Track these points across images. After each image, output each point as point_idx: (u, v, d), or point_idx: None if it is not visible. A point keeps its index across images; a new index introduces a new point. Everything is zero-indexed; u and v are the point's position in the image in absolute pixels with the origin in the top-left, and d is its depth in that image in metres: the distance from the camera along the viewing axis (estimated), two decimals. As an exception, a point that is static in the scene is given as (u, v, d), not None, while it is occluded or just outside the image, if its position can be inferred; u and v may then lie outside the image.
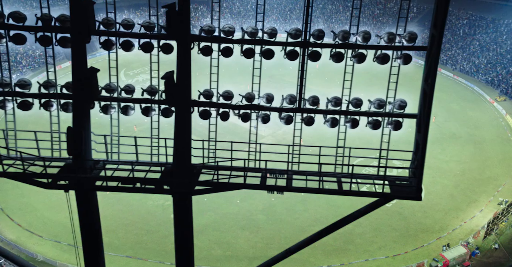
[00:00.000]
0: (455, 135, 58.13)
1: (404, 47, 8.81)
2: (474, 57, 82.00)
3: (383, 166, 9.77)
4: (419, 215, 44.08)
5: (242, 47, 9.02)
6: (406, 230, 42.12)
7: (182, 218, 10.18)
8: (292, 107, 9.22)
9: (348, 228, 41.93)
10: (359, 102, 9.46)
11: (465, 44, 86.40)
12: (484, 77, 76.08)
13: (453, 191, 47.48)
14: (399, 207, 44.90)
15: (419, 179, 9.54)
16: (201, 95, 9.58)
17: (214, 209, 43.80)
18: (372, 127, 9.42)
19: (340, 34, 8.80)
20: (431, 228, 42.38)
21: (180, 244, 10.66)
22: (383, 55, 9.09)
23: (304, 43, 8.84)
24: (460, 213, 44.35)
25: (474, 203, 45.79)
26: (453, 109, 65.19)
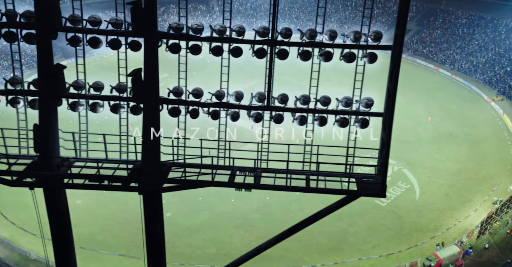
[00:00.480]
0: (452, 135, 58.12)
1: (369, 46, 8.86)
2: (472, 57, 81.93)
3: (350, 163, 9.80)
4: (414, 214, 44.12)
5: (210, 45, 9.06)
6: (400, 229, 42.16)
7: (152, 216, 10.24)
8: (261, 105, 9.25)
9: (342, 227, 42.26)
10: (327, 100, 9.51)
11: (464, 43, 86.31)
12: (482, 76, 76.02)
13: (448, 190, 47.49)
14: (394, 207, 44.98)
15: (383, 177, 9.61)
16: (170, 93, 9.63)
17: (209, 208, 43.89)
18: (340, 125, 9.49)
19: (307, 32, 8.86)
20: (425, 227, 42.41)
21: (151, 241, 10.72)
22: (349, 53, 9.15)
23: (271, 42, 8.88)
24: (454, 212, 44.37)
25: (469, 202, 45.80)
26: (450, 109, 65.16)
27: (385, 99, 8.71)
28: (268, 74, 9.15)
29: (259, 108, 9.28)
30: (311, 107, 9.53)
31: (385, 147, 9.23)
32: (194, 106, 9.43)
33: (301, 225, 10.90)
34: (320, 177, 9.80)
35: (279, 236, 11.39)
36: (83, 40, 9.59)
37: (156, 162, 9.44)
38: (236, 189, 9.75)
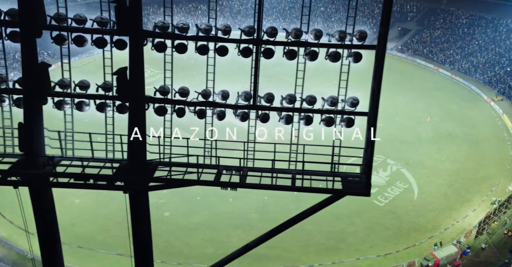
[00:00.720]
0: (451, 135, 58.06)
1: (353, 45, 8.88)
2: (472, 57, 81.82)
3: (335, 162, 9.82)
4: (412, 214, 44.11)
5: (196, 43, 9.07)
6: (398, 229, 42.16)
7: (138, 214, 10.27)
8: (247, 104, 9.28)
9: (341, 227, 42.28)
10: (312, 99, 9.53)
11: (464, 43, 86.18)
12: (482, 76, 75.92)
13: (447, 190, 47.46)
14: (392, 206, 44.98)
15: (368, 176, 9.64)
16: (157, 92, 9.66)
17: (208, 208, 43.93)
18: (326, 124, 9.51)
19: (293, 32, 8.89)
20: (424, 227, 42.40)
21: (138, 240, 10.74)
22: (334, 53, 9.16)
23: (257, 41, 8.90)
24: (453, 212, 44.34)
25: (467, 202, 45.76)
26: (450, 109, 65.09)
27: (370, 98, 8.73)
28: (253, 73, 9.16)
29: (245, 107, 9.30)
30: (297, 106, 9.52)
31: (369, 146, 9.25)
32: (180, 105, 9.45)
33: (285, 225, 10.89)
34: (306, 176, 9.82)
35: (266, 235, 11.42)
36: (68, 39, 9.63)
37: (141, 161, 9.47)
38: (222, 188, 9.77)
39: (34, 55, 9.71)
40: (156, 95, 9.64)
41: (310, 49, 9.21)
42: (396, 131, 58.16)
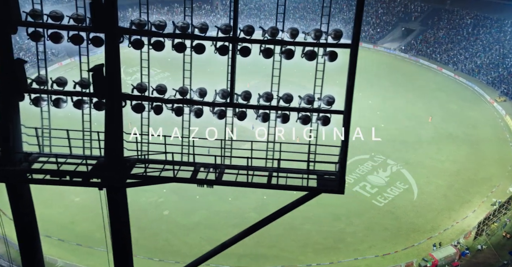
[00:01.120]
0: (452, 135, 57.83)
1: (328, 44, 8.91)
2: (476, 57, 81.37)
3: (311, 160, 9.87)
4: (412, 215, 44.02)
5: (173, 41, 9.11)
6: (397, 230, 42.10)
7: (116, 211, 10.37)
8: (224, 102, 9.33)
9: (340, 227, 42.28)
10: (289, 97, 9.58)
11: (468, 44, 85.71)
12: (486, 77, 75.50)
13: (447, 191, 47.30)
14: (392, 207, 44.92)
15: (342, 173, 9.69)
16: (134, 89, 9.72)
17: (207, 207, 44.07)
18: (302, 123, 9.56)
19: (269, 30, 8.94)
20: (423, 228, 42.31)
21: (116, 237, 10.81)
22: (310, 51, 9.20)
23: (233, 39, 8.95)
24: (452, 213, 44.21)
25: (467, 203, 45.60)
26: (452, 109, 64.81)
27: (345, 97, 8.78)
28: (230, 71, 9.21)
29: (222, 105, 9.35)
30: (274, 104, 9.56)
31: (344, 144, 9.29)
32: (158, 102, 9.50)
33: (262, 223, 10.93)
34: (282, 174, 9.87)
35: (243, 233, 11.47)
36: (44, 35, 9.67)
37: (118, 158, 9.56)
38: (198, 185, 9.85)
39: (10, 52, 9.79)
40: (133, 92, 9.71)
41: (286, 48, 9.25)
42: (397, 131, 58.05)
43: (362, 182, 48.25)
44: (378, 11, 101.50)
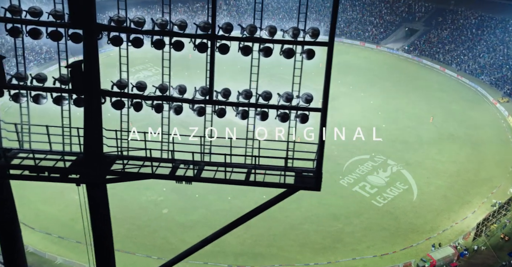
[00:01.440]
0: (453, 136, 57.65)
1: (305, 42, 8.98)
2: (480, 58, 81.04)
3: (290, 157, 9.96)
4: (411, 215, 43.98)
5: (152, 38, 9.18)
6: (396, 230, 42.08)
7: (96, 207, 10.47)
8: (203, 99, 9.39)
9: (338, 227, 42.31)
10: (268, 95, 9.66)
11: (472, 44, 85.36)
12: (489, 78, 75.20)
13: (447, 192, 47.20)
14: (391, 207, 44.88)
15: (319, 170, 9.79)
16: (114, 85, 9.79)
17: (206, 206, 44.23)
18: (281, 120, 9.64)
19: (247, 28, 9.03)
20: (422, 228, 42.26)
21: (97, 233, 10.91)
22: (288, 49, 9.28)
23: (212, 36, 9.03)
24: (452, 214, 44.11)
25: (467, 204, 45.48)
26: (454, 110, 64.59)
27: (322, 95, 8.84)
28: (209, 68, 9.29)
29: (201, 102, 9.42)
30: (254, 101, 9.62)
31: (320, 141, 9.39)
32: (137, 99, 9.57)
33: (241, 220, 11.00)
34: (261, 171, 9.96)
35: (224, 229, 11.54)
36: (23, 31, 9.71)
37: (97, 154, 9.65)
38: (176, 181, 9.94)
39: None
40: (113, 89, 9.77)
41: (265, 45, 9.34)
42: (398, 132, 57.96)
43: (362, 182, 48.24)
44: (382, 11, 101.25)
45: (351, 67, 78.65)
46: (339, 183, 48.14)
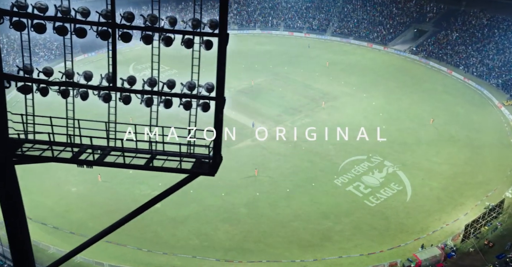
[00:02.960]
0: (453, 138, 57.27)
1: (202, 33, 9.52)
2: (488, 60, 79.99)
3: (188, 144, 10.48)
4: (402, 215, 44.07)
5: (54, 24, 9.65)
6: (385, 230, 42.25)
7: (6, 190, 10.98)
8: (108, 86, 9.95)
9: (327, 225, 42.74)
10: (171, 83, 10.17)
11: (482, 46, 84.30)
12: (496, 80, 74.23)
13: (441, 193, 47.08)
14: (383, 207, 45.03)
15: (214, 157, 10.32)
16: (19, 70, 10.26)
17: (198, 201, 45.10)
18: (184, 108, 10.16)
19: (149, 17, 9.58)
20: (411, 229, 42.34)
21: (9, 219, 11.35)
22: (187, 40, 9.82)
23: (113, 24, 9.55)
24: (443, 215, 44.04)
25: (460, 206, 45.32)
26: (457, 112, 64.08)
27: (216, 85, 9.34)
28: (112, 56, 9.83)
29: (106, 89, 9.98)
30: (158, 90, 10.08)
31: (217, 128, 9.94)
32: (43, 84, 10.11)
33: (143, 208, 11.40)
34: (163, 156, 10.52)
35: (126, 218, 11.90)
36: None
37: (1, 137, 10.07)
38: (78, 165, 10.48)
39: None
40: (19, 74, 10.22)
41: (165, 35, 9.90)
42: (397, 133, 57.89)
43: (356, 182, 48.47)
44: (393, 12, 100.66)
45: (356, 68, 78.68)
46: (333, 182, 48.46)
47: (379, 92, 69.48)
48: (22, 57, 10.38)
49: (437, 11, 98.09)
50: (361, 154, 53.27)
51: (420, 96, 68.52)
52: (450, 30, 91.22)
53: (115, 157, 10.47)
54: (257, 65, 78.89)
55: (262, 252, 39.67)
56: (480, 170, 51.17)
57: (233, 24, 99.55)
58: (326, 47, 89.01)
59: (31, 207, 43.50)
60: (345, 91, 69.17)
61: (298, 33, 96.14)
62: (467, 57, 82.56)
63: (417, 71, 79.30)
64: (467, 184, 48.70)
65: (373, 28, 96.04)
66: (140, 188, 45.85)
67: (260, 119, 60.64)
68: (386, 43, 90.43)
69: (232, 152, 53.14)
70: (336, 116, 61.63)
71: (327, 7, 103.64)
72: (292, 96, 67.27)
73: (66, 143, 10.40)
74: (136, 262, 37.76)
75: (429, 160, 52.58)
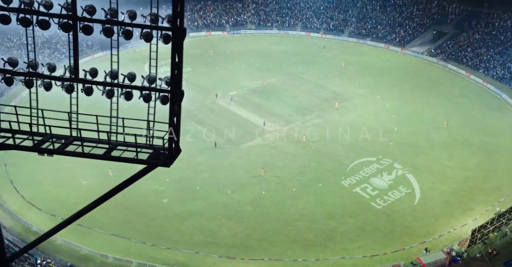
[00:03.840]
0: (468, 142, 56.17)
1: (158, 27, 9.73)
2: (510, 63, 78.08)
3: (146, 135, 10.68)
4: (409, 218, 43.53)
5: (18, 16, 9.96)
6: (390, 232, 41.82)
7: None
8: (70, 77, 10.24)
9: (332, 225, 42.61)
10: (131, 76, 10.42)
11: (504, 48, 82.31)
12: (517, 84, 72.43)
13: (450, 197, 46.29)
14: (389, 210, 44.57)
15: (170, 148, 10.50)
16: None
17: (205, 198, 45.54)
18: (144, 100, 10.39)
19: (109, 11, 9.84)
20: (417, 232, 41.79)
21: None
22: (146, 33, 10.05)
23: (74, 17, 9.82)
24: (452, 220, 43.30)
25: (469, 211, 44.47)
26: (473, 116, 62.80)
27: (170, 78, 9.51)
28: (73, 47, 10.12)
29: (68, 80, 10.28)
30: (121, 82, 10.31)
31: (170, 120, 10.12)
32: (8, 74, 10.44)
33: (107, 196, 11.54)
34: (122, 147, 10.76)
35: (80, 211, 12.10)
36: None
37: None
38: (39, 154, 10.77)
39: None
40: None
41: (125, 29, 10.15)
42: (409, 135, 57.16)
43: (364, 184, 48.09)
44: (413, 13, 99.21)
45: (371, 69, 77.92)
46: (341, 183, 48.21)
47: (393, 94, 68.69)
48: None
49: (459, 13, 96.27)
50: (371, 155, 52.80)
51: (436, 99, 67.42)
52: (472, 31, 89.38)
53: (76, 146, 10.79)
54: (271, 64, 78.97)
55: (264, 250, 39.78)
56: (494, 175, 50.07)
57: (250, 24, 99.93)
58: (342, 48, 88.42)
59: (42, 198, 44.95)
60: (358, 92, 68.63)
61: (314, 34, 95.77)
62: (488, 60, 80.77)
63: (434, 74, 78.03)
64: (478, 189, 47.73)
65: (391, 29, 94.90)
66: (149, 183, 46.53)
67: (271, 118, 60.75)
68: (404, 45, 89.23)
69: (241, 151, 53.46)
70: (348, 117, 61.23)
71: (346, 7, 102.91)
72: (304, 96, 67.15)
73: (30, 132, 10.77)
74: (140, 255, 38.38)
75: (441, 163, 51.73)
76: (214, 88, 68.97)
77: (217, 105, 64.24)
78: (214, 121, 59.88)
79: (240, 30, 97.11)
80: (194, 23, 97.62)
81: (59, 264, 36.78)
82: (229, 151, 53.40)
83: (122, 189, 11.46)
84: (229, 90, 68.56)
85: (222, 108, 63.45)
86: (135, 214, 42.98)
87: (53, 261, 36.79)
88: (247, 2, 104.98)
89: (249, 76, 72.01)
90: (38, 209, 42.16)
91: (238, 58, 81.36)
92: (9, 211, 42.68)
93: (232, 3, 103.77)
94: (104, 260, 37.87)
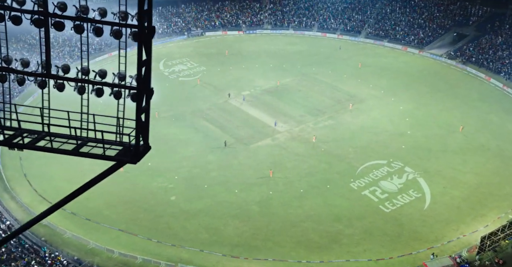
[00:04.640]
0: (483, 147, 54.90)
1: (128, 25, 9.81)
2: (533, 67, 76.04)
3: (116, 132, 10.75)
4: (417, 223, 42.84)
5: None
6: (398, 236, 41.24)
7: None
8: (42, 73, 10.42)
9: (338, 228, 42.29)
10: (102, 73, 10.53)
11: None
12: (539, 89, 70.35)
13: (462, 203, 45.35)
14: (398, 214, 43.96)
15: (136, 146, 10.54)
16: None
17: (212, 196, 45.75)
18: (115, 97, 10.48)
19: (80, 8, 9.98)
20: (425, 237, 41.10)
21: None
22: (116, 31, 10.14)
23: (45, 13, 9.98)
24: (462, 226, 42.43)
25: (481, 217, 43.50)
26: (490, 121, 61.31)
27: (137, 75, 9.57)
28: (45, 43, 10.31)
29: (40, 75, 10.45)
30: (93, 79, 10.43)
31: (137, 118, 10.18)
32: None
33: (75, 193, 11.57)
34: (92, 143, 10.87)
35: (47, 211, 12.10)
36: None
37: None
38: (9, 148, 10.94)
39: None
40: None
41: (95, 25, 10.27)
42: (423, 139, 56.21)
43: (373, 187, 47.54)
44: (434, 14, 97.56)
45: (386, 71, 76.90)
46: (349, 185, 47.78)
47: (408, 96, 67.66)
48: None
49: (481, 14, 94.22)
50: (382, 158, 52.17)
51: (452, 102, 66.11)
52: (495, 34, 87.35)
53: (47, 142, 10.96)
54: (286, 65, 78.77)
55: (269, 250, 39.75)
56: (509, 181, 48.82)
57: (266, 24, 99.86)
58: (358, 49, 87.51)
59: (53, 192, 45.83)
60: (373, 94, 67.85)
61: (331, 34, 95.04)
62: (511, 63, 78.77)
63: (452, 77, 76.51)
64: (492, 195, 46.62)
65: (410, 30, 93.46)
66: (158, 180, 47.06)
67: (283, 118, 60.62)
68: (422, 47, 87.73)
69: (251, 150, 53.52)
70: (360, 119, 60.62)
71: (364, 8, 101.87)
72: (317, 97, 66.77)
73: (1, 126, 11.01)
74: (145, 251, 38.83)
75: (454, 168, 50.71)
76: (227, 87, 69.25)
77: (229, 105, 64.44)
78: (226, 120, 60.07)
79: (256, 30, 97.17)
80: (211, 23, 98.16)
81: (66, 257, 37.49)
82: (239, 150, 53.53)
83: (91, 187, 11.52)
84: (242, 89, 68.71)
85: (234, 108, 63.61)
86: (143, 210, 43.49)
87: (61, 254, 37.53)
88: (264, 2, 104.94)
89: (263, 76, 72.02)
90: (49, 203, 43.02)
91: (253, 58, 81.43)
92: (21, 203, 43.76)
93: (250, 3, 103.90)
94: (110, 255, 38.45)
